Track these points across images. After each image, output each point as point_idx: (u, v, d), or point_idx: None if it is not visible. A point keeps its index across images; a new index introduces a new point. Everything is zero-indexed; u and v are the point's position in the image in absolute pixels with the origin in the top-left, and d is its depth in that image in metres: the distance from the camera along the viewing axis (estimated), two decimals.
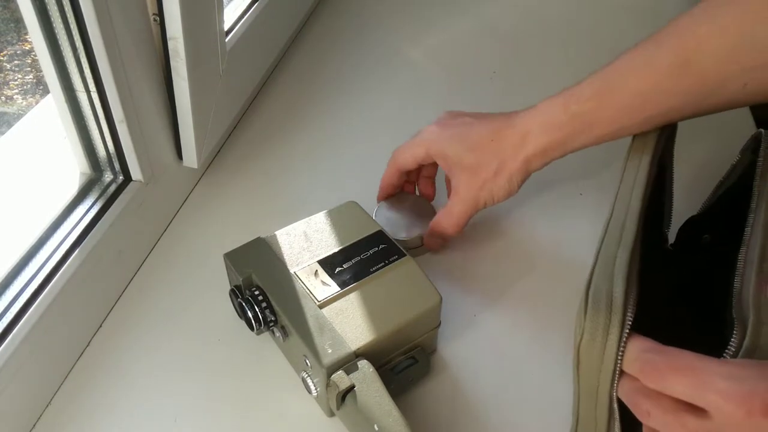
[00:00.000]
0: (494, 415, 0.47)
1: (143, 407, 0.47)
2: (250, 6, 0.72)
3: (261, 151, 0.69)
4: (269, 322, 0.47)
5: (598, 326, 0.37)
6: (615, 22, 0.91)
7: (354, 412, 0.42)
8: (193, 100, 0.56)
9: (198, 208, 0.63)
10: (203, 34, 0.56)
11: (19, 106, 0.64)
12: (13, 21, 0.60)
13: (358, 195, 0.56)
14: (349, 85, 0.79)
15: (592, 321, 0.38)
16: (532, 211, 0.63)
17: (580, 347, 0.38)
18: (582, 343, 0.38)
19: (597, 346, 0.37)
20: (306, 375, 0.45)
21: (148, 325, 0.53)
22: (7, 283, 0.46)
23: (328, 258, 0.49)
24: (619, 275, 0.38)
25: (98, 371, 0.49)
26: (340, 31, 0.89)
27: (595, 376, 0.38)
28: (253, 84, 0.75)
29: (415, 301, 0.47)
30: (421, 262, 0.57)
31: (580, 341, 0.38)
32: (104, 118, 0.52)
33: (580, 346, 0.38)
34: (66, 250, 0.49)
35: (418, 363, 0.47)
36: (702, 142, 0.71)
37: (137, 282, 0.56)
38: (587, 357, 0.38)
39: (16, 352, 0.43)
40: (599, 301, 0.37)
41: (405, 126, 0.73)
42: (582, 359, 0.38)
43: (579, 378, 0.39)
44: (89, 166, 0.55)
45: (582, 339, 0.38)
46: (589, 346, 0.38)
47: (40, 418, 0.46)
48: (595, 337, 0.37)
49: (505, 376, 0.50)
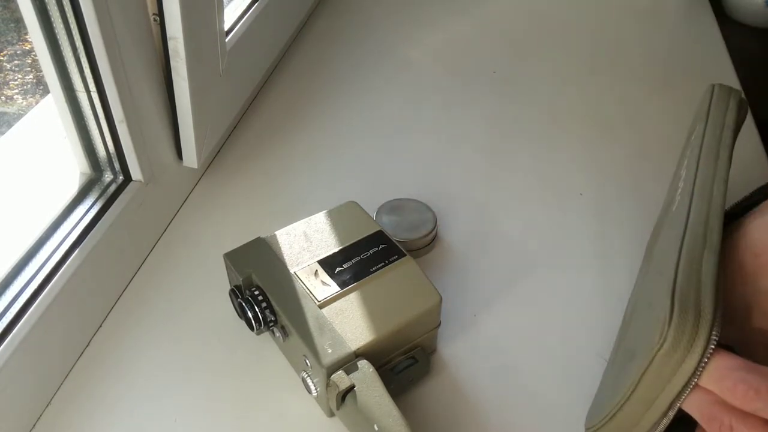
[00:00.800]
0: (494, 415, 0.47)
1: (143, 407, 0.47)
2: (250, 6, 0.72)
3: (261, 151, 0.69)
4: (269, 322, 0.47)
5: (682, 337, 0.34)
6: (615, 22, 0.91)
7: (354, 412, 0.42)
8: (193, 100, 0.56)
9: (198, 208, 0.63)
10: (203, 34, 0.56)
11: (19, 106, 0.64)
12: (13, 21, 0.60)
13: (358, 195, 0.56)
14: (349, 85, 0.79)
15: (677, 330, 0.34)
16: (532, 211, 0.63)
17: (656, 356, 0.35)
18: (660, 352, 0.35)
19: (676, 358, 0.34)
20: (306, 375, 0.45)
21: (148, 325, 0.53)
22: (7, 283, 0.46)
23: (328, 258, 0.49)
24: (708, 283, 0.35)
25: (98, 371, 0.49)
26: (340, 31, 0.89)
27: (661, 386, 0.36)
28: (253, 84, 0.75)
29: (415, 301, 0.47)
30: (421, 263, 0.57)
31: (659, 350, 0.35)
32: (104, 118, 0.52)
33: (657, 355, 0.35)
34: (66, 250, 0.49)
35: (418, 363, 0.47)
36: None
37: (137, 282, 0.56)
38: (660, 367, 0.35)
39: (15, 353, 0.43)
40: (686, 311, 0.34)
41: (405, 126, 0.74)
42: (653, 368, 0.35)
43: (639, 383, 0.36)
44: (89, 166, 0.55)
45: (662, 348, 0.35)
46: (667, 357, 0.35)
47: (40, 418, 0.46)
48: (676, 349, 0.34)
49: (505, 376, 0.50)
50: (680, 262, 0.36)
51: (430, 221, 0.58)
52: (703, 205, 0.40)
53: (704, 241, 0.37)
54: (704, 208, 0.39)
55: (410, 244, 0.56)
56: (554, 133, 0.73)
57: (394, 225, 0.57)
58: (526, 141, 0.71)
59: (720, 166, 0.42)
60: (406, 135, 0.72)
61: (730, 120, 0.47)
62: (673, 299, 0.35)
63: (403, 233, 0.57)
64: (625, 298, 0.54)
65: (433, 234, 0.58)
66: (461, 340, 0.52)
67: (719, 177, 0.41)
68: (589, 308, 0.54)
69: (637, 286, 0.47)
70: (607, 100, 0.71)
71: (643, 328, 0.39)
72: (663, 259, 0.38)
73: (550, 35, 0.89)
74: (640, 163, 0.69)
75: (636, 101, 0.77)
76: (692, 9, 0.95)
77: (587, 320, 0.53)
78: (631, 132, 0.73)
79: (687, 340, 0.34)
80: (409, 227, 0.57)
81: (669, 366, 0.35)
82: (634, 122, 0.73)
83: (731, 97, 0.49)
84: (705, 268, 0.36)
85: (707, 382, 0.34)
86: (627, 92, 0.78)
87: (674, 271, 0.36)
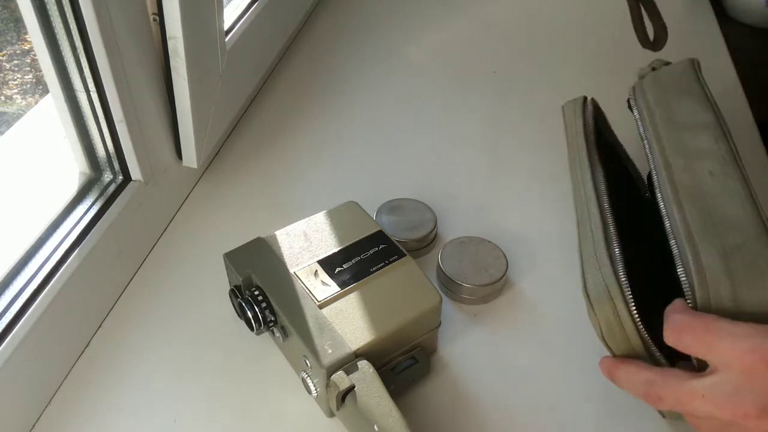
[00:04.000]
0: (494, 415, 0.47)
1: (143, 407, 0.47)
2: (250, 5, 0.72)
3: (261, 151, 0.69)
4: (269, 322, 0.47)
5: (608, 316, 0.40)
6: (615, 22, 0.91)
7: (354, 413, 0.42)
8: (192, 100, 0.56)
9: (198, 208, 0.63)
10: (203, 34, 0.56)
11: (18, 106, 0.64)
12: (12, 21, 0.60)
13: (358, 195, 0.56)
14: (349, 84, 0.79)
15: (600, 314, 0.40)
16: (532, 211, 0.63)
17: (605, 340, 0.41)
18: (604, 335, 0.41)
19: (617, 332, 0.40)
20: (306, 375, 0.45)
21: (148, 325, 0.53)
22: (7, 283, 0.46)
23: (328, 258, 0.49)
24: (605, 263, 0.41)
25: (98, 371, 0.49)
26: (340, 30, 0.89)
27: (633, 353, 0.41)
28: (253, 83, 0.75)
29: (416, 301, 0.47)
30: (421, 263, 0.57)
31: (602, 334, 0.41)
32: (104, 117, 0.52)
33: (604, 338, 0.41)
34: (65, 251, 0.49)
35: (418, 363, 0.47)
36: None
37: (137, 282, 0.56)
38: (615, 344, 0.41)
39: (15, 353, 0.43)
40: (599, 294, 0.40)
41: (405, 126, 0.73)
42: (612, 348, 0.42)
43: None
44: (89, 166, 0.55)
45: (602, 332, 0.41)
46: (610, 336, 0.41)
47: (40, 418, 0.46)
48: (611, 327, 0.40)
49: (505, 376, 0.50)
50: (582, 262, 0.43)
51: (430, 221, 0.58)
52: (582, 204, 0.46)
53: (591, 234, 0.43)
54: (584, 207, 0.45)
55: (410, 244, 0.56)
56: (554, 133, 0.73)
57: (394, 225, 0.57)
58: (526, 140, 0.71)
59: (583, 169, 0.48)
60: (406, 135, 0.72)
61: (579, 125, 0.52)
62: (586, 292, 0.41)
63: (403, 233, 0.57)
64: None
65: (433, 234, 0.58)
66: (461, 340, 0.52)
67: (584, 178, 0.47)
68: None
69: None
70: (608, 100, 0.72)
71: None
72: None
73: (550, 35, 0.88)
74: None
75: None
76: (692, 8, 0.95)
77: (588, 320, 0.53)
78: (632, 131, 0.72)
79: (612, 314, 0.40)
80: (409, 227, 0.57)
81: (619, 339, 0.41)
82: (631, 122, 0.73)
83: (575, 105, 0.54)
84: (598, 254, 0.42)
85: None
86: (627, 91, 0.78)
87: (581, 272, 0.42)
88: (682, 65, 0.54)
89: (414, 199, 0.60)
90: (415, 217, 0.58)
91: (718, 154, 0.44)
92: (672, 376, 0.38)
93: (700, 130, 0.46)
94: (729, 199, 0.41)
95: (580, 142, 0.50)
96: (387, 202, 0.60)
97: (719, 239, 0.38)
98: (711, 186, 0.42)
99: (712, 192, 0.41)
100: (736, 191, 0.41)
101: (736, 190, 0.41)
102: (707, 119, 0.47)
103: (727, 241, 0.38)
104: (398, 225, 0.57)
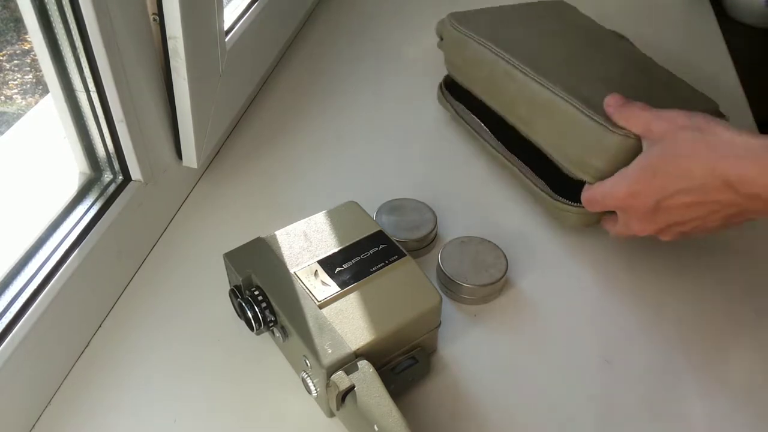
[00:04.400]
0: (494, 415, 0.47)
1: (143, 408, 0.47)
2: (250, 5, 0.72)
3: (261, 151, 0.69)
4: (269, 322, 0.47)
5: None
6: (615, 22, 0.91)
7: (354, 413, 0.42)
8: (192, 100, 0.56)
9: (198, 208, 0.63)
10: (203, 34, 0.56)
11: (18, 106, 0.64)
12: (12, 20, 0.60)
13: (358, 195, 0.56)
14: (349, 84, 0.79)
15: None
16: (532, 210, 0.63)
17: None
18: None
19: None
20: (306, 375, 0.45)
21: (148, 325, 0.53)
22: (7, 283, 0.46)
23: (328, 258, 0.49)
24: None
25: (98, 371, 0.49)
26: (340, 30, 0.89)
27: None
28: (253, 83, 0.75)
29: (416, 301, 0.47)
30: (421, 263, 0.57)
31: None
32: (104, 117, 0.52)
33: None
34: (65, 250, 0.49)
35: (418, 363, 0.47)
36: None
37: (137, 282, 0.56)
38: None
39: (15, 353, 0.43)
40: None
41: (405, 126, 0.73)
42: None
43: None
44: (89, 166, 0.55)
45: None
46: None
47: (40, 418, 0.46)
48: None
49: (505, 376, 0.49)
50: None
51: (430, 221, 0.58)
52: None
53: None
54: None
55: (410, 244, 0.56)
56: None
57: (394, 225, 0.57)
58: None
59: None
60: (406, 135, 0.72)
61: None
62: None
63: (403, 233, 0.57)
64: (627, 298, 0.54)
65: (433, 234, 0.58)
66: (461, 340, 0.52)
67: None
68: (590, 308, 0.54)
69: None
70: None
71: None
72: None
73: None
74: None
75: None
76: (692, 8, 0.95)
77: (588, 320, 0.53)
78: None
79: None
80: (409, 227, 0.57)
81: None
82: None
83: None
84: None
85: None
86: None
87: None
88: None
89: (414, 199, 0.60)
90: (415, 217, 0.58)
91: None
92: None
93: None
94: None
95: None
96: (387, 202, 0.60)
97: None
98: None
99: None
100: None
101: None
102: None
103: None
104: (398, 225, 0.57)
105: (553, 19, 0.69)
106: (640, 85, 0.59)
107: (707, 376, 0.49)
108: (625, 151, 0.51)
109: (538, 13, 0.70)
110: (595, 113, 0.53)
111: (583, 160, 0.54)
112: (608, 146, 0.52)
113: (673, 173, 0.46)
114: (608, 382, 0.49)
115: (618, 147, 0.51)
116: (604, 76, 0.58)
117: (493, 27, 0.65)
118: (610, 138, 0.51)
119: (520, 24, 0.67)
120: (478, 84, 0.65)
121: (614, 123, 0.51)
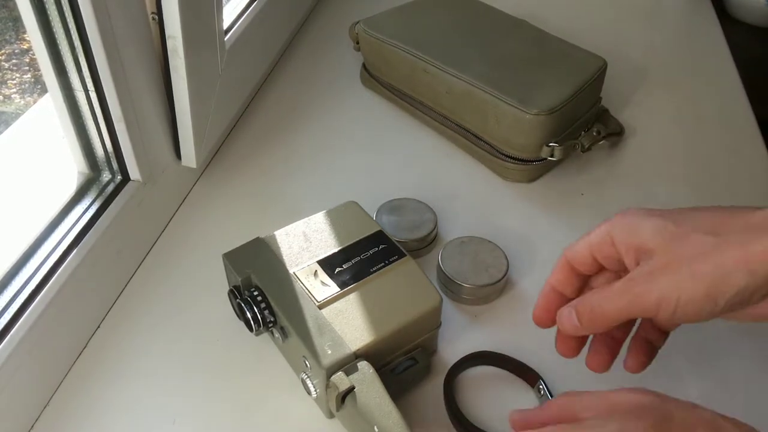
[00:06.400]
0: (494, 415, 0.47)
1: (142, 408, 0.47)
2: (249, 5, 0.72)
3: (260, 151, 0.69)
4: (268, 322, 0.46)
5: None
6: (616, 21, 0.91)
7: (354, 414, 0.42)
8: (192, 99, 0.56)
9: (197, 208, 0.63)
10: (202, 33, 0.56)
11: (17, 106, 0.64)
12: (11, 20, 0.60)
13: (358, 195, 0.55)
14: (349, 84, 0.79)
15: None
16: (532, 211, 0.63)
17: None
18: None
19: None
20: (305, 376, 0.44)
21: (147, 325, 0.52)
22: (5, 282, 0.46)
23: (328, 258, 0.49)
24: None
25: (97, 371, 0.49)
26: (340, 30, 0.89)
27: None
28: (253, 83, 0.75)
29: (416, 302, 0.46)
30: (421, 263, 0.57)
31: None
32: (102, 117, 0.52)
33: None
34: (64, 250, 0.49)
35: (418, 364, 0.47)
36: (705, 140, 0.71)
37: (135, 282, 0.56)
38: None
39: (14, 353, 0.43)
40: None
41: (405, 125, 0.73)
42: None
43: None
44: (87, 166, 0.55)
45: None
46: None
47: (39, 418, 0.46)
48: None
49: (505, 377, 0.49)
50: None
51: (430, 221, 0.58)
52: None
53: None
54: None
55: (410, 244, 0.56)
56: None
57: (394, 225, 0.57)
58: None
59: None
60: (406, 134, 0.72)
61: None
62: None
63: (403, 233, 0.56)
64: None
65: (433, 234, 0.58)
66: (461, 341, 0.51)
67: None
68: None
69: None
70: (608, 100, 0.71)
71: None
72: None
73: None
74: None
75: (637, 100, 0.76)
76: (693, 8, 0.95)
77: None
78: (632, 131, 0.72)
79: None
80: (409, 227, 0.57)
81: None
82: (636, 121, 0.73)
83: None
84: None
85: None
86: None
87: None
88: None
89: (414, 199, 0.60)
90: (415, 217, 0.58)
91: None
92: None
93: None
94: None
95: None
96: (387, 202, 0.59)
97: None
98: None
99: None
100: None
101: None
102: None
103: None
104: (398, 225, 0.57)
105: (456, 9, 0.75)
106: (533, 56, 0.67)
107: (707, 376, 0.49)
108: (539, 126, 0.60)
109: (441, 6, 0.76)
110: (507, 96, 0.61)
111: (508, 139, 0.63)
112: (524, 125, 0.60)
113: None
114: (608, 382, 0.49)
115: (531, 123, 0.60)
116: (507, 54, 0.67)
117: (405, 27, 0.71)
118: (525, 117, 0.60)
119: (427, 19, 0.73)
120: (402, 81, 0.71)
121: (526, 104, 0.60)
